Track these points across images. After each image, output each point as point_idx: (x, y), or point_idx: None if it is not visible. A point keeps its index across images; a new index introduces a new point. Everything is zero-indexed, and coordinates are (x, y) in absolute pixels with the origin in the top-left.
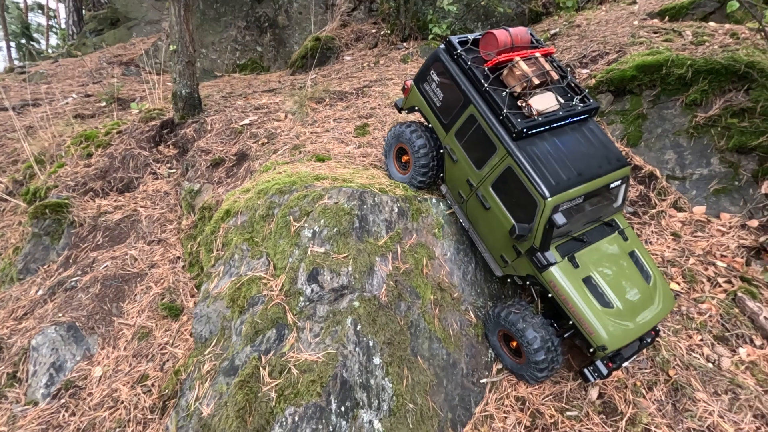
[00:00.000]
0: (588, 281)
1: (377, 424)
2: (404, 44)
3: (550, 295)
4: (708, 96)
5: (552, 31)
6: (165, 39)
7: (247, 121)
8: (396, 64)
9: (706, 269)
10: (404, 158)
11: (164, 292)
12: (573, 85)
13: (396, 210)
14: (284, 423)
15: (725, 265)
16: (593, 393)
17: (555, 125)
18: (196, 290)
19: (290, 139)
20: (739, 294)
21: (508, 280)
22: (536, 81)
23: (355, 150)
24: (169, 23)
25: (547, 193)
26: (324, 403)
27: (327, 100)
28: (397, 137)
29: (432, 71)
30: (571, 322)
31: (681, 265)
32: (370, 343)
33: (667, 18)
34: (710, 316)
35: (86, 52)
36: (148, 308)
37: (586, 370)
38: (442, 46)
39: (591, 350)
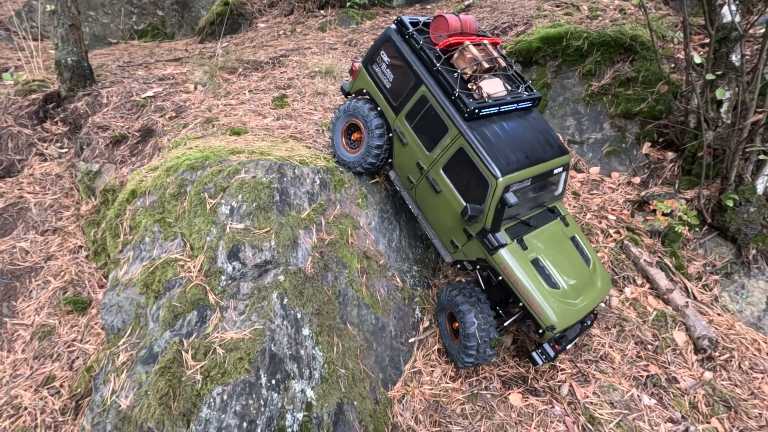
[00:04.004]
0: (536, 263)
1: (309, 392)
2: (321, 12)
3: (500, 278)
4: (600, 66)
5: (467, 2)
6: None
7: (150, 93)
8: (314, 32)
9: (600, 222)
10: (354, 136)
11: (66, 285)
12: (518, 74)
13: (318, 182)
14: (212, 403)
15: (615, 218)
16: (508, 340)
17: (503, 109)
18: (104, 280)
19: (201, 112)
20: (625, 242)
21: (458, 265)
22: (486, 65)
23: (273, 122)
24: None
25: (498, 173)
26: (253, 378)
27: (240, 70)
28: (353, 112)
29: (382, 52)
30: (521, 305)
31: (580, 221)
32: (298, 316)
33: None
34: (603, 263)
35: None
36: (47, 304)
37: (534, 353)
38: (394, 26)
39: (540, 332)
